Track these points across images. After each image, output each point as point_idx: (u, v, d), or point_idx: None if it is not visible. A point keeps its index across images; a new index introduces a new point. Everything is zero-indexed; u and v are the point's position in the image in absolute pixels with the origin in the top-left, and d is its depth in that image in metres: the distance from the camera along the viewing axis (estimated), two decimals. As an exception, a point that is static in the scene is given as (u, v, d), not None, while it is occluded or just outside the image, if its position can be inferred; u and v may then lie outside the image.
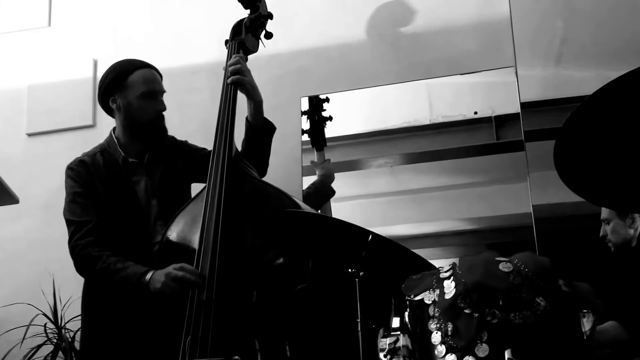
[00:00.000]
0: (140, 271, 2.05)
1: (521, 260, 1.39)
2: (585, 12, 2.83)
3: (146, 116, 2.29)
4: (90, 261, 2.13)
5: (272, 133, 2.35)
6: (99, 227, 2.18)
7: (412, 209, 2.98)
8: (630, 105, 1.26)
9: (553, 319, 1.34)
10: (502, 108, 2.87)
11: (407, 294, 1.48)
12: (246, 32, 2.40)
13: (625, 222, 2.29)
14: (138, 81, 2.29)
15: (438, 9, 3.03)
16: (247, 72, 2.27)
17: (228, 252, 2.00)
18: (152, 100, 2.30)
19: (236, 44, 2.37)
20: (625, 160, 1.34)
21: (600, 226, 2.38)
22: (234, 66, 2.26)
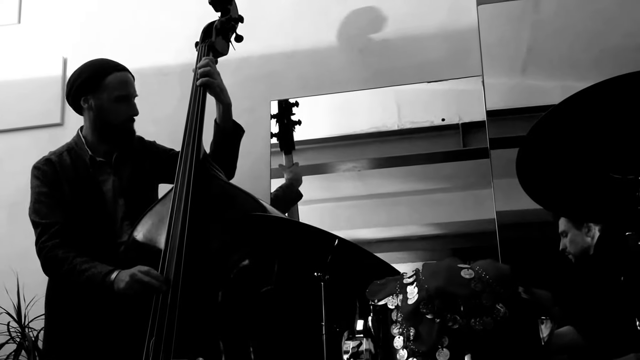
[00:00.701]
0: (105, 270, 2.04)
1: (482, 268, 1.42)
2: (552, 23, 2.89)
3: (118, 119, 2.28)
4: (57, 263, 2.11)
5: (241, 136, 2.35)
6: (64, 228, 2.16)
7: (379, 213, 3.01)
8: (592, 117, 1.30)
9: (512, 325, 1.38)
10: (469, 115, 2.92)
11: (370, 298, 1.50)
12: (217, 34, 2.40)
13: (582, 232, 2.34)
14: (114, 84, 2.27)
15: (408, 17, 3.06)
16: (216, 74, 2.27)
17: (194, 253, 2.00)
18: (125, 103, 2.29)
19: (206, 47, 2.37)
20: (583, 171, 1.38)
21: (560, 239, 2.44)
22: (204, 68, 2.26)
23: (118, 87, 2.27)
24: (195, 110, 2.21)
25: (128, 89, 2.30)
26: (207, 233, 2.06)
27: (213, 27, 2.42)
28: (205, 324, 1.97)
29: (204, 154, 2.19)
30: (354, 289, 1.68)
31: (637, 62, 2.66)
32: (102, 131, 2.30)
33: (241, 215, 1.97)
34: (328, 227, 1.74)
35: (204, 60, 2.29)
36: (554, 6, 2.89)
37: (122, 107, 2.28)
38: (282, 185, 2.99)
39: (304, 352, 2.02)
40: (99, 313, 2.10)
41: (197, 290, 1.98)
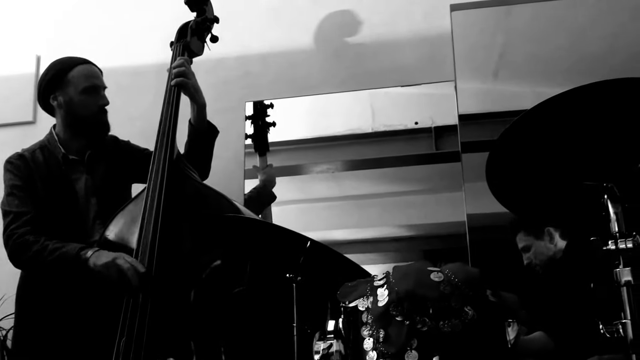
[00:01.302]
0: (80, 245, 2.03)
1: (452, 271, 1.45)
2: (524, 29, 2.94)
3: (88, 111, 2.27)
4: (26, 246, 2.09)
5: (215, 136, 2.35)
6: (36, 219, 2.15)
7: (352, 214, 3.03)
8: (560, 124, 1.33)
9: (480, 328, 1.40)
10: (442, 119, 2.96)
11: (341, 300, 1.52)
12: (192, 34, 2.40)
13: (545, 241, 2.37)
14: (79, 77, 2.27)
15: (383, 22, 3.09)
16: (191, 75, 2.27)
17: (166, 253, 1.99)
18: (94, 94, 2.28)
19: (181, 46, 2.36)
20: (550, 177, 1.41)
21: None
22: (178, 68, 2.26)
23: (83, 79, 2.27)
24: (169, 110, 2.21)
25: (93, 80, 2.29)
26: (180, 233, 2.05)
27: (188, 27, 2.42)
28: (177, 324, 1.97)
29: (177, 154, 2.19)
30: (326, 290, 1.69)
31: (606, 69, 2.73)
32: (74, 126, 2.29)
33: (214, 216, 1.98)
34: (302, 228, 1.75)
35: (178, 60, 2.28)
36: (526, 13, 2.93)
37: (90, 99, 2.27)
38: (256, 186, 2.99)
39: (275, 353, 2.02)
40: (70, 312, 2.09)
41: (169, 290, 1.98)
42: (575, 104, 1.29)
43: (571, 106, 1.29)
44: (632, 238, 1.26)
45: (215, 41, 2.47)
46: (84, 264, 2.00)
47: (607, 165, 1.34)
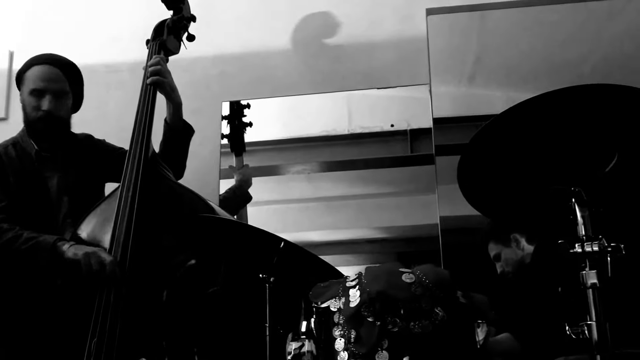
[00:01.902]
0: (57, 237, 2.02)
1: (423, 272, 1.46)
2: (499, 35, 2.97)
3: (30, 114, 2.25)
4: (0, 232, 2.06)
5: (191, 136, 2.35)
6: (9, 208, 2.13)
7: (327, 216, 3.04)
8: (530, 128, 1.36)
9: (450, 329, 1.42)
10: (417, 122, 2.98)
11: (314, 300, 1.52)
12: (168, 33, 2.39)
13: (512, 248, 2.40)
14: (31, 78, 2.25)
15: (359, 24, 3.11)
16: (167, 73, 2.26)
17: (140, 252, 1.98)
18: (38, 98, 2.23)
19: (157, 45, 2.35)
20: (520, 180, 1.44)
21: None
22: (154, 67, 2.25)
23: (33, 81, 2.24)
24: (144, 109, 2.19)
25: (42, 83, 2.24)
26: (154, 233, 2.04)
27: (165, 25, 2.40)
28: (150, 324, 1.96)
29: (152, 153, 2.18)
30: (300, 291, 1.69)
31: (578, 75, 2.78)
32: (26, 126, 2.28)
33: (189, 216, 1.97)
34: (276, 229, 1.75)
35: (154, 58, 2.27)
36: (501, 19, 2.97)
37: (33, 101, 2.23)
38: (232, 187, 2.99)
39: (249, 353, 2.03)
40: (40, 312, 2.06)
41: (142, 290, 1.97)
42: (544, 109, 1.31)
43: (540, 111, 1.31)
44: (598, 241, 1.29)
45: (192, 40, 2.46)
46: (61, 256, 1.98)
47: (575, 169, 1.37)
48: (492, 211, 1.54)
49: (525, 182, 1.44)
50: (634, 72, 2.73)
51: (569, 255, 1.31)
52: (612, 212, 1.41)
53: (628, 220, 1.53)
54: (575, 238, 1.32)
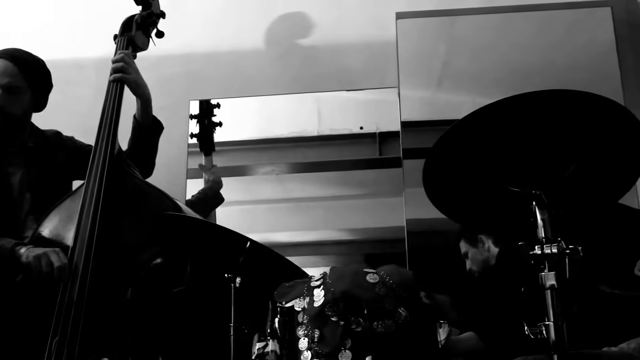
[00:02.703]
0: (15, 241, 1.99)
1: (387, 272, 1.48)
2: (467, 40, 3.02)
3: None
4: None
5: (160, 132, 2.32)
6: None
7: (296, 217, 3.05)
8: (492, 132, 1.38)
9: (412, 328, 1.44)
10: (386, 125, 3.01)
11: (278, 300, 1.53)
12: (137, 28, 2.36)
13: (479, 249, 2.45)
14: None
15: (330, 26, 3.13)
16: (132, 69, 2.22)
17: (104, 251, 1.96)
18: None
19: (125, 40, 2.32)
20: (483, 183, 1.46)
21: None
22: (117, 63, 2.21)
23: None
24: (110, 106, 2.17)
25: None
26: (119, 231, 2.02)
27: (133, 20, 2.37)
28: (113, 323, 1.93)
29: (118, 150, 2.15)
30: (266, 291, 1.69)
31: (543, 81, 2.81)
32: None
33: (155, 214, 1.96)
34: (245, 229, 1.75)
35: (118, 54, 2.24)
36: (470, 26, 3.02)
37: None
38: (203, 188, 2.96)
39: (214, 354, 2.02)
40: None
41: (106, 288, 1.94)
42: (507, 114, 1.34)
43: (502, 115, 1.34)
44: (557, 243, 1.31)
45: (160, 36, 2.43)
46: (18, 260, 1.95)
47: (537, 173, 1.39)
48: (456, 214, 1.56)
49: (489, 185, 1.46)
50: (597, 81, 2.81)
51: (528, 257, 1.33)
52: (571, 215, 1.44)
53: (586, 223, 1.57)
54: (535, 240, 1.34)
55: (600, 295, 1.58)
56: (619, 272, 1.49)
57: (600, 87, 2.76)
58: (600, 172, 1.40)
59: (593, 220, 1.61)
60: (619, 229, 1.80)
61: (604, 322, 1.72)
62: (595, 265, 1.74)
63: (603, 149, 1.36)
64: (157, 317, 2.01)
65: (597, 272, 1.71)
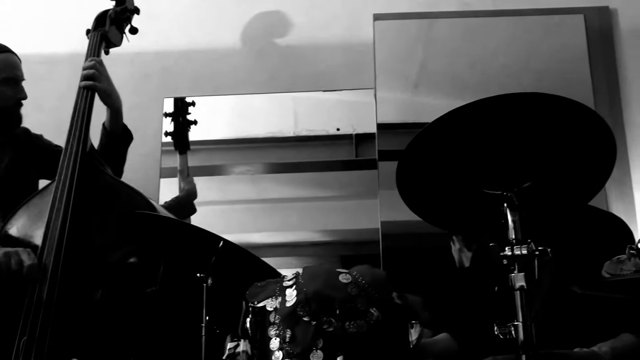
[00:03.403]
0: None
1: (360, 273, 1.48)
2: (444, 43, 3.04)
3: (5, 102, 2.20)
4: None
5: (129, 142, 2.29)
6: None
7: (271, 218, 3.03)
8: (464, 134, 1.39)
9: (384, 329, 1.44)
10: (363, 127, 3.01)
11: (250, 300, 1.52)
12: (110, 24, 2.32)
13: (456, 248, 2.47)
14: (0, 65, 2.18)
15: (307, 26, 3.12)
16: (102, 78, 2.19)
17: (75, 249, 1.93)
18: (13, 86, 2.21)
19: (98, 36, 2.29)
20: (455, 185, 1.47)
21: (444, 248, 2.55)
22: (88, 71, 2.17)
23: (4, 69, 2.19)
24: (81, 107, 2.13)
25: (14, 71, 2.22)
26: (90, 229, 2.00)
27: (107, 15, 2.34)
28: (83, 323, 1.91)
29: (90, 148, 2.13)
30: (240, 291, 1.68)
31: (518, 85, 2.87)
32: None
33: (127, 212, 1.94)
34: (220, 229, 1.74)
35: (89, 61, 2.20)
36: (447, 29, 3.04)
37: (9, 90, 2.20)
38: (177, 196, 2.92)
39: (186, 354, 2.00)
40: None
41: (76, 288, 1.91)
42: (479, 116, 1.35)
43: (474, 118, 1.35)
44: (527, 245, 1.33)
45: (134, 33, 2.40)
46: None
47: (508, 175, 1.41)
48: (430, 216, 1.57)
49: (461, 186, 1.47)
50: (570, 86, 2.85)
51: (499, 258, 1.34)
52: (542, 217, 1.46)
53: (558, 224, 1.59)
54: (506, 241, 1.35)
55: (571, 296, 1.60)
56: (589, 274, 1.51)
57: (572, 92, 2.79)
58: (571, 175, 1.42)
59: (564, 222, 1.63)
60: (589, 230, 1.83)
61: (576, 323, 1.74)
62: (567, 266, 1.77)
63: (573, 151, 1.38)
64: (128, 318, 1.99)
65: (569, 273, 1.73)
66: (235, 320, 1.63)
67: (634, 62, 2.90)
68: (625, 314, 1.71)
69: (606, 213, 2.17)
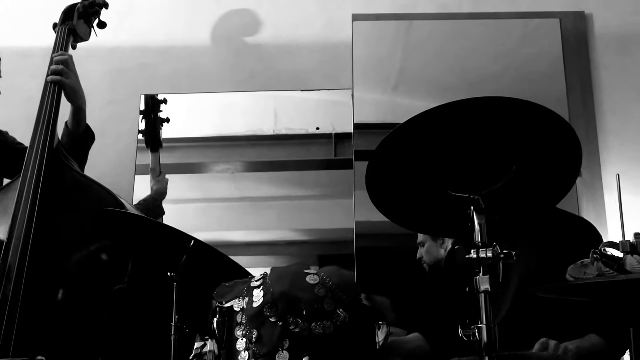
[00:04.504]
0: None
1: (327, 274, 1.48)
2: (422, 44, 3.04)
3: None
4: None
5: (91, 142, 2.26)
6: None
7: (250, 216, 3.02)
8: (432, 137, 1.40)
9: (351, 330, 1.44)
10: (342, 126, 3.01)
11: (218, 300, 1.52)
12: (78, 17, 2.29)
13: (437, 243, 2.50)
14: None
15: (285, 25, 3.09)
16: (71, 73, 2.16)
17: (41, 246, 1.91)
18: None
19: (66, 30, 2.26)
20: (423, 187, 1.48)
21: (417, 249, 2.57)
22: (57, 66, 2.15)
23: None
24: (48, 102, 2.10)
25: None
26: (57, 226, 1.97)
27: (75, 9, 2.31)
28: (49, 320, 1.89)
29: (57, 144, 2.10)
30: (210, 290, 1.68)
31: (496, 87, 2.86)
32: None
33: (95, 210, 1.92)
34: (198, 227, 1.74)
35: (60, 56, 2.18)
36: (425, 30, 3.04)
37: None
38: (145, 198, 2.88)
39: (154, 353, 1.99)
40: None
41: (42, 284, 1.90)
42: (446, 119, 1.35)
43: (442, 121, 1.36)
44: (492, 248, 1.33)
45: (103, 27, 2.36)
46: None
47: (475, 178, 1.41)
48: (399, 217, 1.58)
49: (429, 189, 1.47)
50: (545, 89, 2.87)
51: (464, 260, 1.35)
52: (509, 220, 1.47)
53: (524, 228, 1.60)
54: (471, 244, 1.36)
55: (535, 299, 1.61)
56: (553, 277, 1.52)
57: (548, 95, 2.85)
58: (538, 179, 1.43)
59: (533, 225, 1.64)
60: (558, 234, 1.84)
61: (540, 326, 1.76)
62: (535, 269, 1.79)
63: (540, 155, 1.39)
64: (96, 315, 1.97)
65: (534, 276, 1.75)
66: (205, 319, 1.63)
67: (608, 67, 2.92)
68: (592, 315, 1.73)
69: (576, 217, 2.18)
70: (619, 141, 2.82)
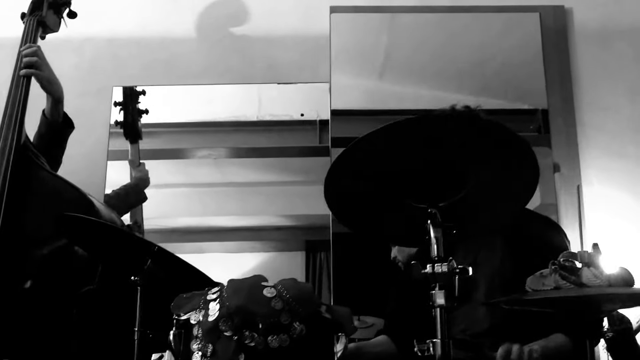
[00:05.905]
0: None
1: (285, 287, 1.46)
2: (408, 31, 3.01)
3: None
4: None
5: (70, 131, 2.23)
6: None
7: (235, 201, 3.02)
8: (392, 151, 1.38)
9: (308, 342, 1.42)
10: (326, 113, 2.99)
11: (175, 312, 1.49)
12: (48, 7, 2.25)
13: None
14: None
15: (263, 16, 3.03)
16: (44, 65, 2.12)
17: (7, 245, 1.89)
18: None
19: (35, 21, 2.21)
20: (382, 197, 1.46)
21: None
22: (29, 58, 2.10)
23: None
24: (17, 96, 2.07)
25: None
26: (23, 224, 1.95)
27: (44, 0, 2.25)
28: (15, 321, 1.88)
29: (25, 141, 2.07)
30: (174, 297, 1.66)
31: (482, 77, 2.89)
32: None
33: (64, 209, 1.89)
34: (182, 212, 1.71)
35: (30, 48, 2.13)
36: (404, 23, 3.01)
37: None
38: (126, 185, 2.85)
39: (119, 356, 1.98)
40: None
41: (9, 284, 1.88)
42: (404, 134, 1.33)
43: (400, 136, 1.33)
44: (448, 263, 1.31)
45: (73, 17, 2.31)
46: None
47: (433, 191, 1.39)
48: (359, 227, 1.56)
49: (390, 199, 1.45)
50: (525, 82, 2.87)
51: (420, 275, 1.33)
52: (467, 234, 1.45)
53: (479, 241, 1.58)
54: (427, 258, 1.34)
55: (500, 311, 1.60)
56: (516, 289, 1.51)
57: (528, 88, 2.86)
58: (496, 192, 1.40)
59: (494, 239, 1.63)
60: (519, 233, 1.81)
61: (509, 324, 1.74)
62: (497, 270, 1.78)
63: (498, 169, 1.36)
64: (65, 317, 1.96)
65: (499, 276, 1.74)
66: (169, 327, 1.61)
67: (587, 62, 2.89)
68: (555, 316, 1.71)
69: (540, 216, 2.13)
70: (599, 134, 2.80)
